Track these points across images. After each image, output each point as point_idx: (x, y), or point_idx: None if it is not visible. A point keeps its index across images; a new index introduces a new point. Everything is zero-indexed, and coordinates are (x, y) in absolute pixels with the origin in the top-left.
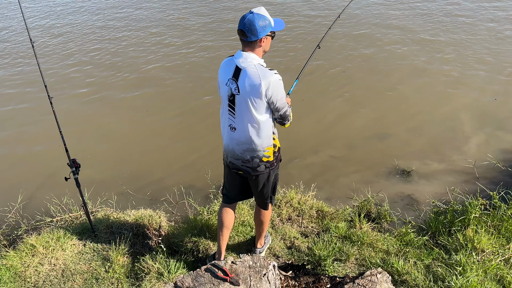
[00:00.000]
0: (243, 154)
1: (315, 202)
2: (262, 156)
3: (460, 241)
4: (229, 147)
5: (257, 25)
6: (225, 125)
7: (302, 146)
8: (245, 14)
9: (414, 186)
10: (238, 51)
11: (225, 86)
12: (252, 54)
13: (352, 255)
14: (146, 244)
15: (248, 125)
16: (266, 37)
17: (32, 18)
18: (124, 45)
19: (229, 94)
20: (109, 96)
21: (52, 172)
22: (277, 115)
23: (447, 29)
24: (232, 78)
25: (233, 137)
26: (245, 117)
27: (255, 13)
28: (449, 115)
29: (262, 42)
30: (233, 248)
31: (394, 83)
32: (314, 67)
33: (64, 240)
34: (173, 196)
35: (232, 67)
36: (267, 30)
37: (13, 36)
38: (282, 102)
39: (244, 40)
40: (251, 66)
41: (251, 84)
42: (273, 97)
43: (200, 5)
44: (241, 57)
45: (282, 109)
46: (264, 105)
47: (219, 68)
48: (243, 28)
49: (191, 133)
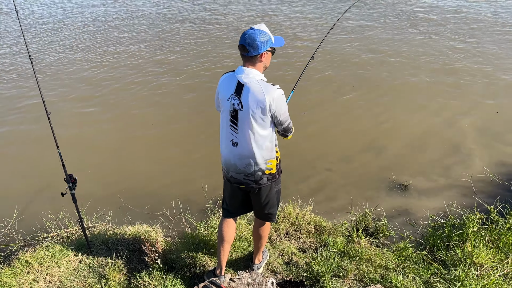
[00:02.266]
0: (246, 168)
1: (313, 217)
2: (265, 169)
3: (458, 256)
4: (230, 161)
5: (258, 40)
6: (226, 140)
7: (300, 160)
8: (246, 30)
9: (411, 200)
10: (239, 67)
11: (227, 101)
12: (254, 69)
13: (351, 271)
14: (143, 260)
15: (251, 140)
16: (267, 53)
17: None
18: (120, 59)
19: (232, 110)
20: (107, 110)
21: (48, 187)
22: (280, 128)
23: (446, 41)
24: (234, 94)
25: (235, 152)
26: (248, 132)
27: (256, 29)
28: (447, 128)
29: (263, 57)
30: (230, 264)
31: (390, 96)
32: (316, 80)
33: (59, 256)
34: (170, 211)
35: (234, 82)
36: (268, 45)
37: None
38: (285, 116)
39: (245, 55)
40: (253, 81)
41: (255, 99)
42: (276, 112)
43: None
44: (242, 72)
45: (286, 123)
46: (268, 119)
47: (218, 83)
48: (244, 43)
49: (188, 147)
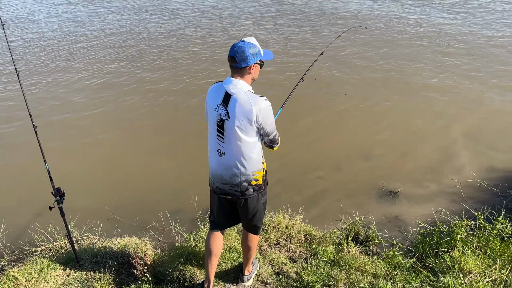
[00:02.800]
0: (232, 178)
1: (303, 226)
2: (251, 180)
3: (447, 263)
4: (217, 172)
5: (247, 52)
6: (213, 150)
7: (290, 168)
8: (236, 42)
9: (401, 207)
10: (228, 78)
11: (214, 111)
12: (242, 81)
13: (341, 280)
14: (132, 273)
15: (238, 150)
16: (255, 65)
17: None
18: (106, 69)
19: (218, 120)
20: (96, 122)
21: (36, 200)
22: (266, 140)
23: (436, 46)
24: (221, 104)
25: (221, 162)
26: (234, 142)
27: (246, 42)
28: (436, 135)
29: (252, 70)
30: (220, 275)
31: (380, 102)
32: (303, 88)
33: (47, 271)
34: (160, 223)
35: (222, 92)
36: (257, 58)
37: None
38: (271, 127)
39: (234, 66)
40: (241, 92)
41: (242, 110)
42: (263, 123)
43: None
44: (230, 83)
45: (272, 134)
46: (254, 130)
47: (207, 93)
48: (234, 54)
49: (178, 158)
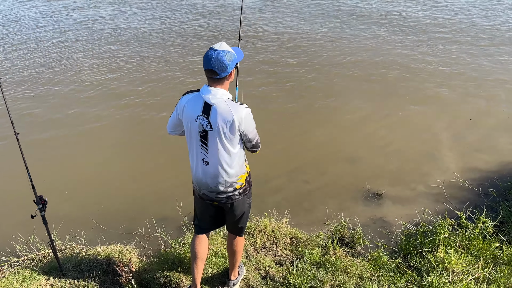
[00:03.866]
0: (217, 186)
1: (289, 229)
2: (235, 185)
3: (431, 262)
4: (202, 180)
5: (225, 62)
6: (197, 160)
7: (275, 172)
8: (209, 53)
9: (385, 208)
10: (204, 86)
11: (195, 122)
12: (221, 89)
13: (327, 282)
14: (117, 281)
15: (222, 158)
16: (233, 70)
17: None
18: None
19: (201, 130)
20: (76, 128)
21: (18, 209)
22: (249, 145)
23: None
24: (202, 115)
25: (206, 171)
26: (218, 151)
27: (220, 50)
28: (419, 136)
29: (231, 76)
30: (206, 281)
31: (364, 106)
32: (289, 91)
33: (30, 280)
34: (145, 230)
35: (200, 103)
36: (234, 63)
37: None
38: (253, 133)
39: (214, 78)
40: (221, 102)
41: (224, 119)
42: (245, 130)
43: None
44: (209, 93)
45: (254, 139)
46: (237, 138)
47: (179, 104)
48: (212, 67)
49: (161, 165)
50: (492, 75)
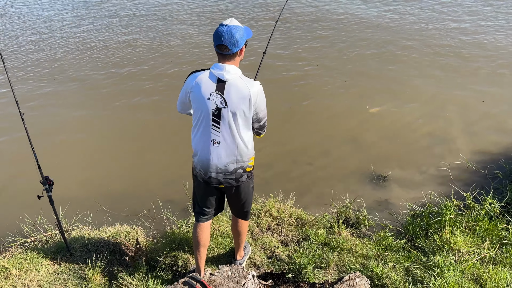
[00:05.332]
0: (227, 166)
1: (294, 210)
2: (246, 166)
3: (437, 243)
4: (210, 162)
5: (237, 36)
6: (205, 141)
7: (280, 155)
8: (220, 28)
9: (390, 190)
10: (216, 64)
11: (208, 100)
12: (233, 66)
13: (332, 262)
14: (123, 260)
15: (235, 137)
16: (244, 46)
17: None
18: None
19: (214, 109)
20: (88, 110)
21: (24, 190)
22: (256, 126)
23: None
24: (216, 92)
25: (216, 151)
26: (231, 130)
27: (230, 25)
28: (427, 118)
29: (242, 51)
30: (212, 260)
31: (370, 88)
32: (294, 74)
33: (38, 260)
34: (151, 211)
35: (213, 80)
36: (244, 39)
37: None
38: (264, 113)
39: (226, 54)
40: (236, 78)
41: (241, 95)
42: (258, 108)
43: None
44: (222, 69)
45: (263, 120)
46: (251, 116)
47: (188, 83)
48: (224, 42)
49: (166, 146)
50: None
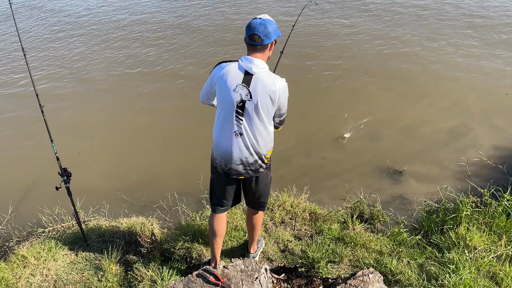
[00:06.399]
0: (248, 158)
1: (308, 205)
2: (264, 158)
3: (452, 239)
4: (232, 153)
5: (270, 28)
6: (227, 132)
7: (295, 149)
8: (253, 20)
9: (406, 186)
10: (245, 57)
11: (233, 92)
12: (261, 61)
13: (346, 257)
14: (139, 251)
15: (257, 130)
16: (274, 41)
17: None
18: (120, 49)
19: (239, 100)
20: (105, 102)
21: (43, 182)
22: (277, 120)
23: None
24: (242, 84)
25: (238, 143)
26: (254, 122)
27: (264, 18)
28: (444, 112)
29: (272, 46)
30: (226, 253)
31: (387, 81)
32: (310, 67)
33: (55, 250)
34: (166, 203)
35: (240, 72)
36: (276, 34)
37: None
38: (285, 109)
39: (256, 44)
40: (264, 72)
41: (266, 90)
42: (281, 104)
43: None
44: (251, 62)
45: (284, 115)
46: (273, 110)
47: (214, 73)
48: (257, 32)
49: (184, 140)
50: None
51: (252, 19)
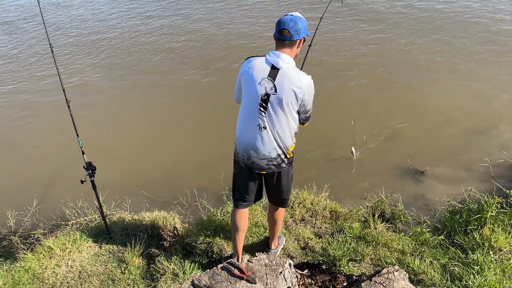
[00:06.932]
0: (271, 152)
1: (328, 203)
2: (286, 153)
3: (476, 240)
4: (254, 146)
5: (300, 26)
6: (251, 125)
7: (315, 146)
8: (284, 17)
9: (428, 186)
10: (273, 52)
11: (258, 85)
12: (289, 56)
13: (367, 255)
14: (161, 245)
15: (280, 124)
16: (303, 39)
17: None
18: (147, 44)
19: (263, 94)
20: (129, 98)
21: (67, 176)
22: (303, 117)
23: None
24: (268, 78)
25: (261, 136)
26: (277, 116)
27: (295, 15)
28: (468, 112)
29: (301, 43)
30: (247, 249)
31: (409, 79)
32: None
33: (80, 242)
34: (186, 199)
35: (267, 66)
36: (305, 31)
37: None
38: (311, 105)
39: (286, 39)
40: (290, 68)
41: (291, 85)
42: (306, 101)
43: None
44: (278, 57)
45: (309, 112)
46: (297, 106)
47: (244, 67)
48: (287, 27)
49: (204, 137)
50: None
51: (284, 15)
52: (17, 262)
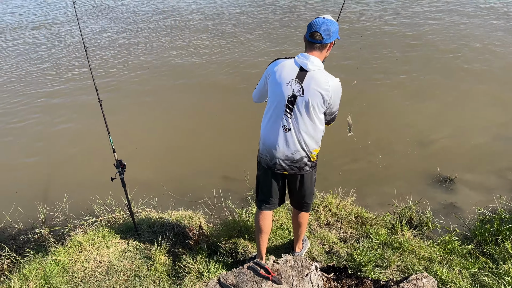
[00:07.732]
0: (294, 154)
1: (354, 208)
2: (310, 156)
3: (508, 250)
4: (278, 147)
5: (332, 29)
6: (275, 126)
7: (342, 151)
8: (317, 19)
9: (457, 193)
10: (302, 54)
11: (285, 86)
12: (318, 59)
13: (394, 262)
14: (186, 244)
15: (306, 126)
16: (333, 42)
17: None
18: (181, 49)
19: (290, 95)
20: (160, 99)
21: (97, 173)
22: (328, 118)
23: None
24: (296, 79)
25: (286, 138)
26: (303, 118)
27: (327, 19)
28: (498, 118)
29: (331, 46)
30: (271, 251)
31: (441, 85)
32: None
33: (108, 238)
34: (212, 199)
35: (295, 68)
36: (336, 35)
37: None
38: (337, 107)
39: (316, 42)
40: (319, 70)
41: (319, 88)
42: (333, 103)
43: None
44: (308, 59)
45: (335, 113)
46: (323, 109)
47: (271, 68)
48: (319, 30)
49: (232, 139)
50: None
51: (315, 18)
52: (48, 255)
